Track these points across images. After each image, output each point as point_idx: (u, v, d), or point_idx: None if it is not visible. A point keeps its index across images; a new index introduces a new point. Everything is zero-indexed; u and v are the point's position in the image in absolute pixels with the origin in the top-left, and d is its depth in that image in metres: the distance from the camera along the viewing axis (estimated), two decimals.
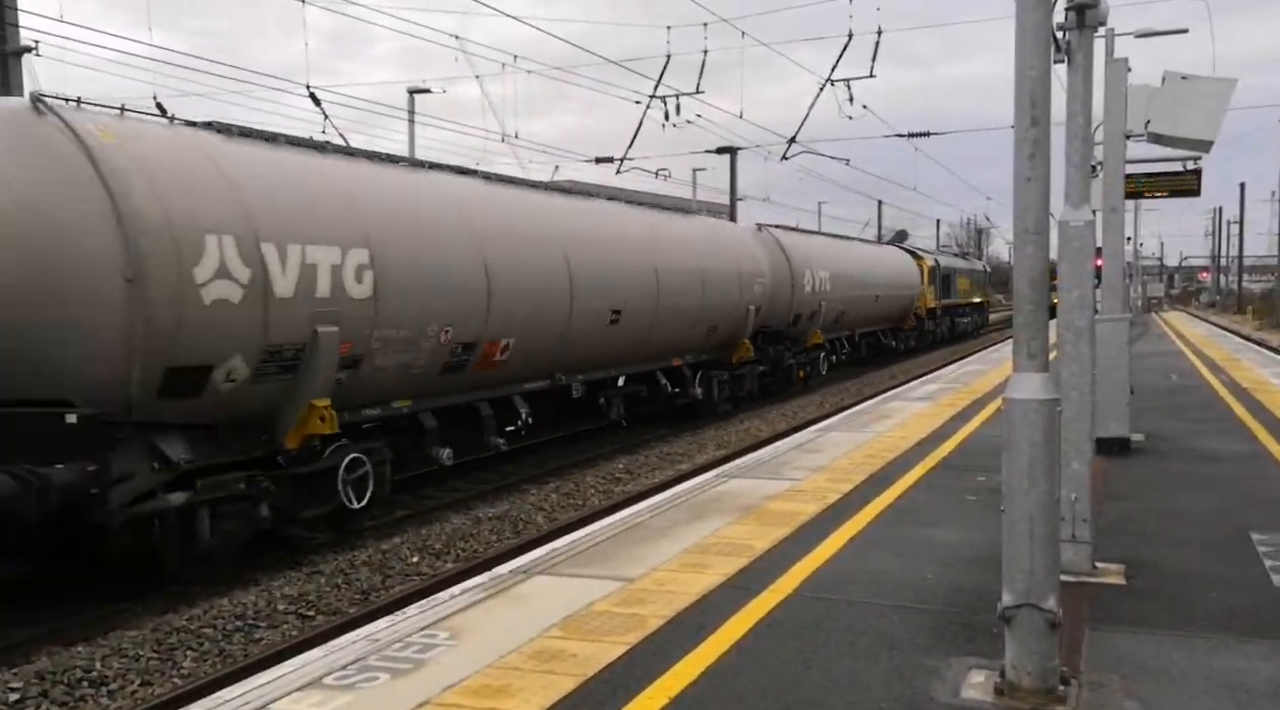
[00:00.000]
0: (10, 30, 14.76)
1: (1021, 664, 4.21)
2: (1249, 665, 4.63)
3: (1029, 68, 4.17)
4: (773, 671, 4.60)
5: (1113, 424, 10.02)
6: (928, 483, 9.07)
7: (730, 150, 38.26)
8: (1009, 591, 4.22)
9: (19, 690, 6.72)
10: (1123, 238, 10.52)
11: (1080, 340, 5.97)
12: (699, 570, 6.25)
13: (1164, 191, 13.02)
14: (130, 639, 7.72)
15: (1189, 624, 5.22)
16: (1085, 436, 5.98)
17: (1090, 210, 6.45)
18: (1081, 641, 4.94)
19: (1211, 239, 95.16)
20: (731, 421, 19.51)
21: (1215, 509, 7.87)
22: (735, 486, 9.01)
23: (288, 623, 8.23)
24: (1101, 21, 6.72)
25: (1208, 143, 10.09)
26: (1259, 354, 26.50)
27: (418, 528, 11.19)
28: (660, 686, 4.44)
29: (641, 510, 8.13)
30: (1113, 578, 6.02)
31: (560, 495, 12.97)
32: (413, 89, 29.10)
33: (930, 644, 4.93)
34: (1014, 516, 4.20)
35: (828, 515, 7.74)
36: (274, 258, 9.01)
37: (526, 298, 12.71)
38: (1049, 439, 4.17)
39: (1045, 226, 4.26)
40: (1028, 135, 4.17)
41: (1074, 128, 6.35)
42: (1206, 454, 10.40)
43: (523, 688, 4.43)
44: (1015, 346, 4.27)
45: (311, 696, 4.39)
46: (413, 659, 4.82)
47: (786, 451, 10.99)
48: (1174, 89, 9.79)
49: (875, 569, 6.25)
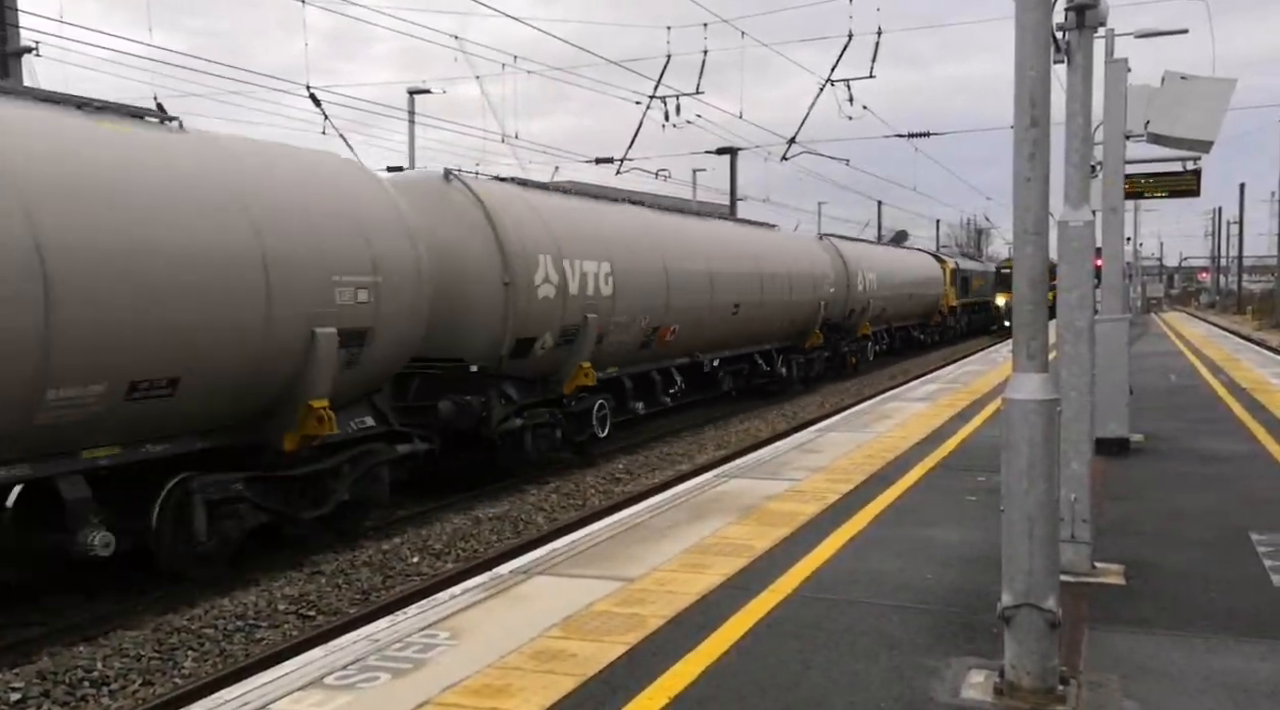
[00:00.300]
0: (11, 31, 14.77)
1: (1021, 664, 4.21)
2: (1248, 665, 4.64)
3: (1029, 68, 4.17)
4: (773, 671, 4.61)
5: (1112, 424, 10.02)
6: (927, 483, 9.08)
7: (730, 151, 38.25)
8: (1008, 591, 4.22)
9: (20, 690, 6.73)
10: (1122, 238, 10.53)
11: (1080, 340, 5.97)
12: (699, 570, 6.26)
13: (1164, 192, 13.03)
14: (131, 639, 7.72)
15: (1188, 624, 5.22)
16: (1084, 437, 5.98)
17: (1090, 210, 6.45)
18: (1081, 641, 4.95)
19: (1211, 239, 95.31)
20: (732, 421, 19.61)
21: (1214, 509, 7.87)
22: (735, 487, 9.01)
23: (288, 623, 8.24)
24: (1101, 22, 6.73)
25: (1207, 143, 10.09)
26: (1258, 354, 26.51)
27: (418, 528, 11.20)
28: (660, 686, 4.44)
29: (641, 510, 8.13)
30: (1112, 578, 6.03)
31: (560, 495, 12.97)
32: (413, 90, 29.11)
33: (930, 644, 4.94)
34: (1013, 517, 4.21)
35: (828, 515, 7.75)
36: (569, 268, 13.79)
37: (685, 294, 17.02)
38: (1048, 439, 4.17)
39: (1045, 227, 4.26)
40: (1027, 136, 4.18)
41: (1074, 128, 6.36)
42: (1206, 454, 10.40)
43: (523, 688, 4.44)
44: (1015, 347, 4.28)
45: (312, 696, 4.40)
46: (413, 659, 4.82)
47: (786, 452, 11.00)
48: (1174, 89, 9.79)
49: (875, 569, 6.26)
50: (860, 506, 8.04)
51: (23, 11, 15.13)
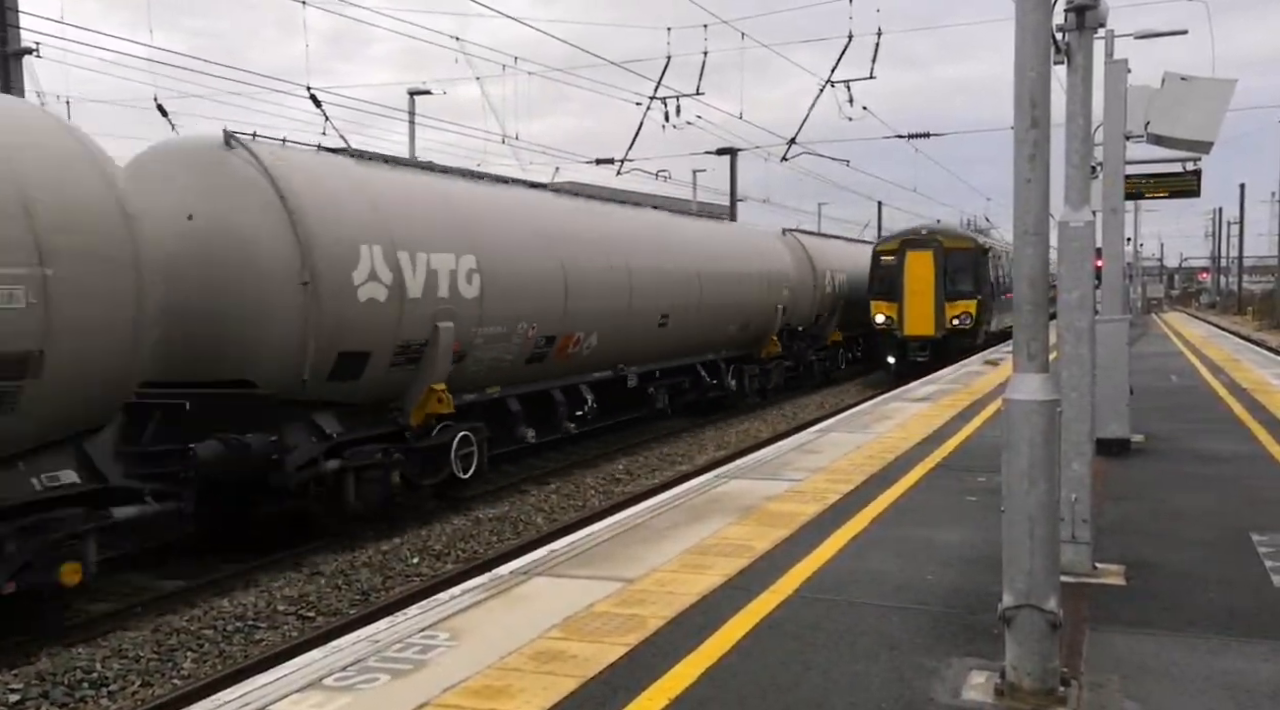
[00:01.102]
0: (11, 32, 14.77)
1: (1021, 665, 4.21)
2: (1249, 666, 4.63)
3: (1029, 69, 4.17)
4: (773, 672, 4.60)
5: (1112, 425, 10.01)
6: (928, 483, 9.07)
7: (730, 151, 38.21)
8: (1009, 592, 4.22)
9: (19, 691, 6.73)
10: (1123, 238, 10.52)
11: (1080, 341, 5.97)
12: (699, 571, 6.25)
13: (1164, 192, 13.02)
14: (130, 640, 7.72)
15: (1189, 625, 5.22)
16: (1085, 437, 5.98)
17: (1090, 211, 6.44)
18: (1082, 642, 4.94)
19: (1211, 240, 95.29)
20: (733, 421, 19.56)
21: (1215, 509, 7.87)
22: (735, 487, 9.01)
23: (288, 624, 8.24)
24: (1101, 23, 6.73)
25: (1207, 144, 10.09)
26: (1259, 354, 26.49)
27: (418, 529, 11.19)
28: (660, 687, 4.44)
29: (641, 511, 8.13)
30: (1113, 578, 6.02)
31: (560, 496, 12.98)
32: (413, 90, 29.09)
33: (930, 645, 4.93)
34: (1014, 517, 4.20)
35: (828, 516, 7.74)
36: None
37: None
38: (1049, 440, 4.17)
39: (1045, 227, 4.26)
40: (1028, 136, 4.17)
41: (1074, 129, 6.35)
42: (1206, 455, 10.39)
43: (523, 689, 4.44)
44: (1015, 347, 4.28)
45: (312, 698, 4.39)
46: (413, 660, 4.82)
47: (786, 452, 10.99)
48: (1173, 90, 9.79)
49: (875, 570, 6.25)
50: (860, 507, 8.03)
51: (23, 12, 15.13)
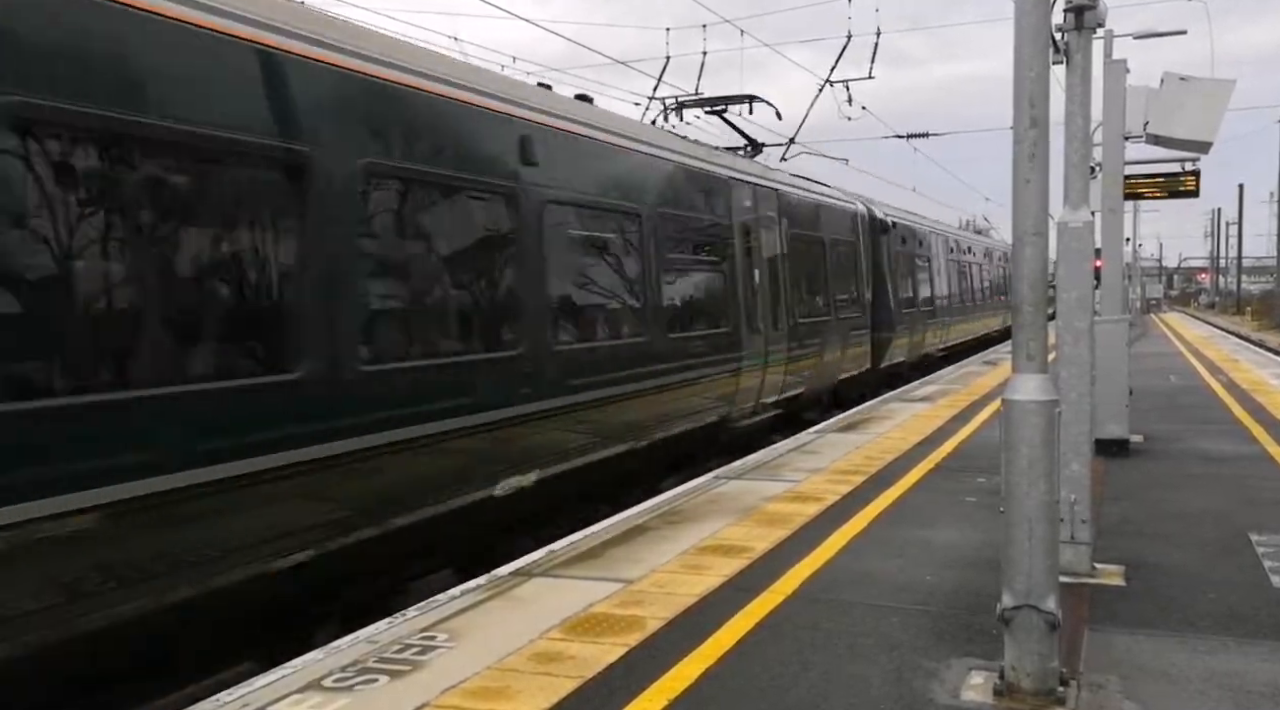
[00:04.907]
0: None
1: (1021, 665, 4.21)
2: (1248, 666, 4.63)
3: (1028, 69, 4.17)
4: (772, 673, 4.60)
5: (1112, 425, 10.02)
6: (927, 484, 9.07)
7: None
8: (1008, 593, 4.22)
9: None
10: (1121, 239, 10.53)
11: (1079, 342, 5.97)
12: (698, 571, 6.25)
13: (1163, 192, 13.04)
14: None
15: (1188, 625, 5.22)
16: (1084, 438, 5.98)
17: (1089, 211, 6.45)
18: (1081, 642, 4.94)
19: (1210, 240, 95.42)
20: None
21: (1214, 510, 7.87)
22: (734, 488, 9.00)
23: None
24: (1100, 23, 6.73)
25: (1206, 144, 10.10)
26: (1258, 355, 26.51)
27: None
28: (659, 688, 4.44)
29: (641, 512, 8.12)
30: (1112, 579, 6.02)
31: None
32: None
33: (929, 645, 4.93)
34: (1013, 518, 4.20)
35: (827, 516, 7.74)
36: None
37: None
38: (1048, 440, 4.17)
39: (1045, 227, 4.26)
40: (1027, 136, 4.18)
41: (1073, 129, 6.35)
42: (1206, 455, 10.39)
43: (522, 689, 4.43)
44: (1014, 348, 4.28)
45: (311, 698, 4.39)
46: (412, 660, 4.81)
47: (785, 453, 10.99)
48: (1172, 90, 9.80)
49: (874, 570, 6.25)
50: (860, 507, 8.03)
51: None
